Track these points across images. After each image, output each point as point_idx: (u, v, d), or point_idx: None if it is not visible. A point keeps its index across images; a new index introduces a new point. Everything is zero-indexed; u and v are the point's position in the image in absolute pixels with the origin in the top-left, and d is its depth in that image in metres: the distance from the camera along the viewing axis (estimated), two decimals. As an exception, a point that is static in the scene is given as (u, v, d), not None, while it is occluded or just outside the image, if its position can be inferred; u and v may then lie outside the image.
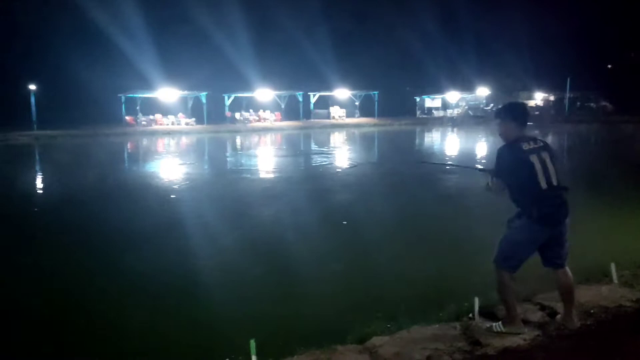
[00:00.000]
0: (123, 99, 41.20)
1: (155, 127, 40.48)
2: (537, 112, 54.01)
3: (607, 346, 3.72)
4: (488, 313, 4.44)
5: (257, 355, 3.77)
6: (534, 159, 3.79)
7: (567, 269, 4.08)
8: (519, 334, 3.95)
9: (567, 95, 52.90)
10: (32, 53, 44.97)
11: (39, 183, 17.13)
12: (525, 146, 3.84)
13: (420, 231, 9.12)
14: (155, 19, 48.85)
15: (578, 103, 56.61)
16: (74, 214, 10.98)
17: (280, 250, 7.90)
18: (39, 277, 6.97)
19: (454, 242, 8.14)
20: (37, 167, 22.71)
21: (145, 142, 33.80)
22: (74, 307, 5.86)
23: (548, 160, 3.83)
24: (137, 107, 41.66)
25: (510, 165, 3.87)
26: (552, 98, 57.88)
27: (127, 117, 41.26)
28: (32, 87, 37.79)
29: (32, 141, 32.95)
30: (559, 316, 4.23)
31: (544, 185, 3.77)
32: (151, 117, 41.89)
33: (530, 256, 4.01)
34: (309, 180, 15.98)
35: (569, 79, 50.90)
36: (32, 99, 37.69)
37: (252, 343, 3.76)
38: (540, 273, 4.39)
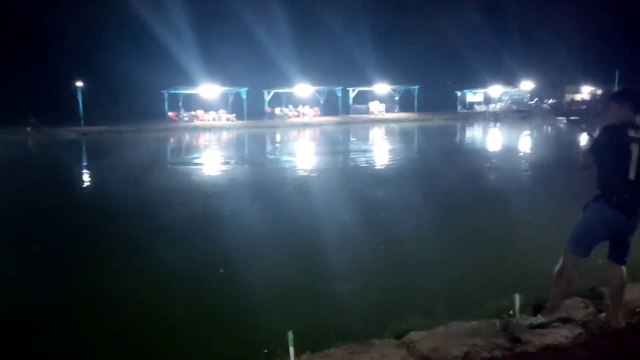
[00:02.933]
0: (166, 95, 42.09)
1: (197, 122, 41.18)
2: (584, 107, 52.44)
3: (653, 346, 3.61)
4: (529, 311, 4.37)
5: (295, 347, 3.81)
6: (634, 147, 3.68)
7: (624, 268, 3.99)
8: (563, 330, 3.86)
9: (616, 89, 51.08)
10: (78, 50, 46.48)
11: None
12: (632, 133, 3.72)
13: (462, 226, 9.00)
14: (197, 16, 49.71)
15: (627, 97, 54.55)
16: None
17: (319, 244, 7.93)
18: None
19: (495, 238, 8.01)
20: (93, 161, 23.44)
21: (187, 137, 34.48)
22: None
23: None
24: (180, 103, 42.46)
25: (610, 145, 3.76)
26: (599, 92, 55.99)
27: (169, 113, 42.12)
28: (79, 84, 38.96)
29: (80, 137, 34.00)
30: (603, 314, 4.12)
31: (632, 176, 3.67)
32: (193, 113, 42.63)
33: (601, 242, 3.93)
34: (348, 177, 15.98)
35: (617, 72, 49.09)
36: (79, 96, 38.86)
37: (290, 335, 3.80)
38: (584, 271, 4.29)
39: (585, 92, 57.32)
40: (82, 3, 49.52)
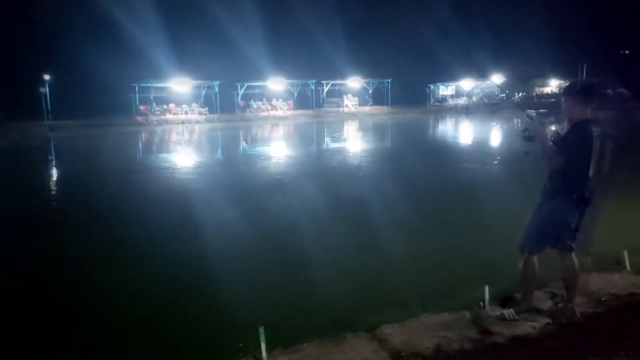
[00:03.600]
0: (137, 89, 41.41)
1: (168, 116, 40.65)
2: (552, 100, 53.42)
3: (617, 334, 3.70)
4: (498, 302, 4.44)
5: (267, 342, 3.80)
6: (595, 144, 3.84)
7: (574, 255, 4.08)
8: (531, 321, 3.95)
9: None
10: (45, 43, 45.36)
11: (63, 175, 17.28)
12: (595, 131, 3.88)
13: (431, 220, 9.07)
14: (168, 8, 49.00)
15: (594, 90, 55.83)
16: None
17: (291, 239, 7.92)
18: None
19: (465, 231, 8.10)
20: (59, 159, 22.95)
21: (158, 131, 33.99)
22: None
23: (607, 150, 3.89)
24: (151, 97, 41.83)
25: (582, 144, 3.83)
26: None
27: (140, 107, 41.46)
28: (46, 77, 38.07)
29: (46, 132, 33.19)
30: (560, 305, 4.22)
31: (592, 171, 3.83)
32: (165, 106, 42.06)
33: (554, 241, 4.02)
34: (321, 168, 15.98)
35: (585, 66, 50.13)
36: (47, 90, 37.99)
37: (261, 330, 3.78)
38: (552, 262, 4.37)
39: (554, 85, 58.45)
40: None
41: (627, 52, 60.39)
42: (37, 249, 7.87)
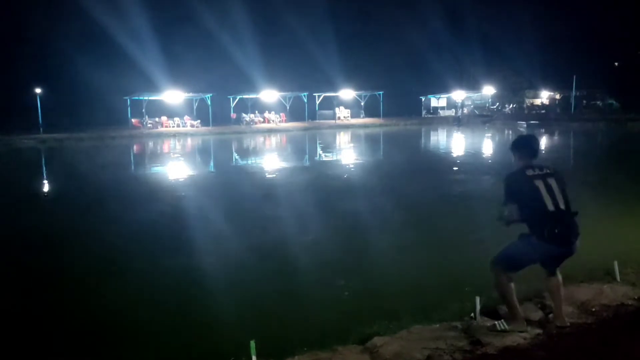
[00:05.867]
0: (129, 101, 41.39)
1: (160, 129, 40.60)
2: (543, 111, 53.87)
3: (607, 344, 3.71)
4: (489, 312, 4.44)
5: (258, 356, 3.78)
6: (538, 183, 3.95)
7: (558, 273, 4.18)
8: (522, 332, 3.96)
9: (574, 93, 52.68)
10: (37, 57, 45.26)
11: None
12: (530, 172, 4.02)
13: (422, 231, 9.09)
14: (160, 22, 49.17)
15: (584, 101, 56.44)
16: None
17: (282, 251, 7.90)
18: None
19: (456, 242, 8.13)
20: (49, 171, 22.83)
21: (150, 144, 33.92)
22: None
23: (555, 186, 3.97)
24: (143, 110, 41.80)
25: (516, 189, 4.04)
26: (558, 96, 57.63)
27: (132, 120, 41.43)
28: (38, 90, 37.99)
29: (39, 144, 33.06)
30: (550, 315, 4.26)
31: (550, 207, 3.89)
32: (157, 119, 42.02)
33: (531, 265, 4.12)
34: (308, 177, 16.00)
35: (575, 77, 50.66)
36: (38, 103, 37.89)
37: (252, 344, 3.77)
38: (540, 274, 4.40)
39: (544, 96, 58.97)
40: (42, 8, 48.44)
41: (616, 63, 61.13)
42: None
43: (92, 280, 6.85)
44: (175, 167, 21.57)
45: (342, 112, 49.49)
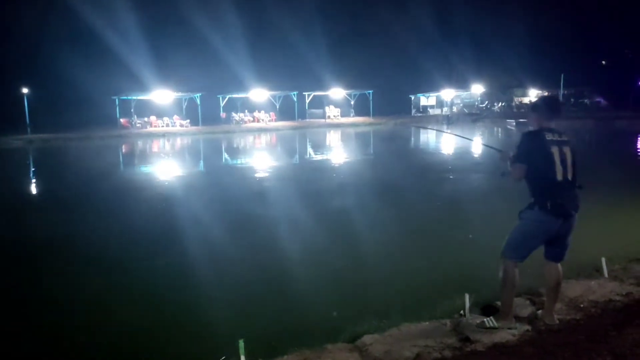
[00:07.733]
0: (117, 101, 41.12)
1: (149, 129, 40.37)
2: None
3: (595, 340, 3.72)
4: (479, 310, 4.45)
5: (246, 355, 3.76)
6: (554, 149, 3.85)
7: (559, 265, 4.11)
8: (511, 329, 3.96)
9: (561, 91, 53.05)
10: (24, 56, 44.89)
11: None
12: (549, 136, 3.91)
13: (411, 229, 9.10)
14: (149, 20, 48.94)
15: (572, 99, 56.86)
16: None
17: (272, 251, 7.87)
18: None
19: (446, 239, 8.14)
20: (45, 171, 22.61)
21: (139, 144, 33.71)
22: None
23: (568, 155, 3.90)
24: (132, 110, 41.54)
25: (531, 151, 3.92)
26: (546, 94, 57.94)
27: (121, 120, 41.16)
28: (25, 90, 37.62)
29: (26, 145, 32.76)
30: (540, 311, 4.24)
31: (559, 177, 3.83)
32: (146, 119, 41.78)
33: (539, 246, 4.04)
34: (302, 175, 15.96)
35: (562, 76, 51.02)
36: (25, 103, 37.53)
37: (241, 343, 3.75)
38: (532, 270, 4.41)
39: (533, 95, 59.30)
40: (28, 7, 48.00)
41: (604, 62, 61.63)
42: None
43: (79, 280, 6.78)
44: (164, 167, 21.45)
45: (332, 111, 49.47)
